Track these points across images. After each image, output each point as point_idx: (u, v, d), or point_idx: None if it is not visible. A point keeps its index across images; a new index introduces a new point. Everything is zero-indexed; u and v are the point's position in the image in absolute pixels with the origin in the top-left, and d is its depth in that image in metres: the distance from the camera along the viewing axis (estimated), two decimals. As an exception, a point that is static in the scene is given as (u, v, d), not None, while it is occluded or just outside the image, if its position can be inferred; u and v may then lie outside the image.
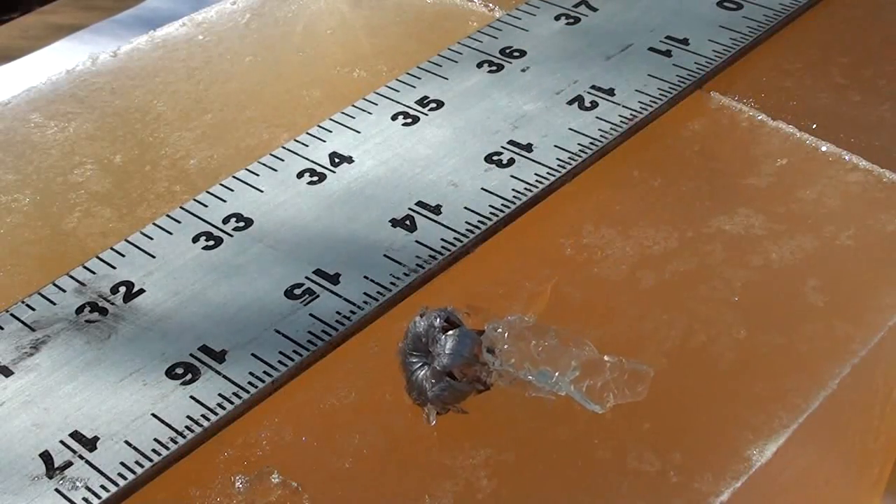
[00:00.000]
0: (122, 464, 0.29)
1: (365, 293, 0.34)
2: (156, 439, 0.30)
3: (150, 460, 0.29)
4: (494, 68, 0.44)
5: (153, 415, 0.31)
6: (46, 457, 0.30)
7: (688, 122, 0.42)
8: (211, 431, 0.30)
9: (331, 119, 0.42)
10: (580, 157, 0.39)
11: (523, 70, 0.44)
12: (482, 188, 0.38)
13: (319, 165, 0.40)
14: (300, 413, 0.31)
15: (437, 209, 0.37)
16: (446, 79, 0.44)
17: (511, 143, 0.40)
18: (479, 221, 0.37)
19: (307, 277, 0.35)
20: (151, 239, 0.37)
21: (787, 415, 0.31)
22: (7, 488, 0.29)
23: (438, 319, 0.29)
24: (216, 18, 0.50)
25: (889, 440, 0.40)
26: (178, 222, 0.38)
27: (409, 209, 0.37)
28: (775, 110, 0.42)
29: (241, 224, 0.37)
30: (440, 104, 0.43)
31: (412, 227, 0.37)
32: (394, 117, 0.42)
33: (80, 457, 0.30)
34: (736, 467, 0.30)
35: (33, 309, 0.34)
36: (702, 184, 0.39)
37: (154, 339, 0.33)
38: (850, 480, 0.40)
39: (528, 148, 0.40)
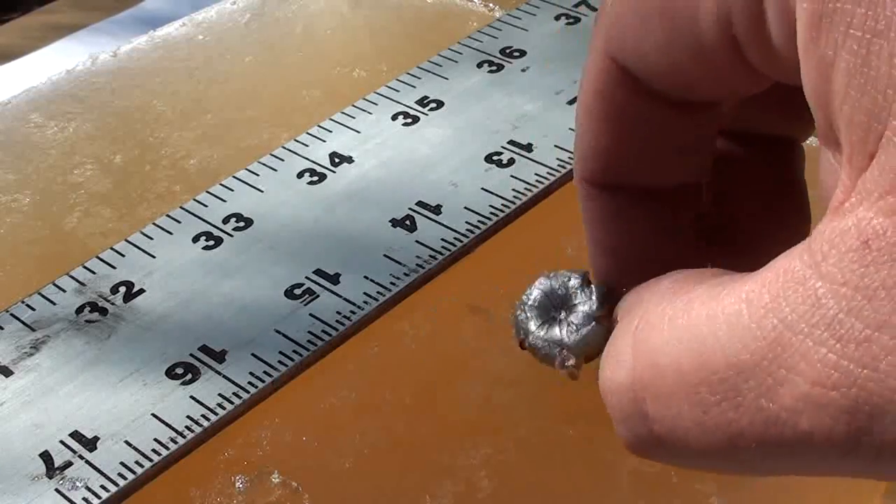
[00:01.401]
0: (122, 464, 0.29)
1: (365, 293, 0.34)
2: (156, 439, 0.30)
3: (150, 460, 0.29)
4: (494, 68, 0.44)
5: (153, 415, 0.31)
6: (46, 457, 0.30)
7: (688, 122, 0.42)
8: (211, 431, 0.30)
9: (331, 119, 0.42)
10: (580, 157, 0.39)
11: (523, 70, 0.44)
12: (482, 188, 0.38)
13: (319, 165, 0.40)
14: (300, 413, 0.31)
15: (437, 209, 0.37)
16: (446, 79, 0.44)
17: (511, 143, 0.40)
18: (479, 221, 0.37)
19: (307, 277, 0.35)
20: (151, 239, 0.37)
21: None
22: (7, 488, 0.29)
23: (572, 279, 0.30)
24: (216, 18, 0.50)
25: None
26: (178, 222, 0.38)
27: (409, 209, 0.37)
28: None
29: (241, 224, 0.37)
30: (440, 104, 0.43)
31: (412, 227, 0.37)
32: (394, 117, 0.42)
33: (80, 457, 0.30)
34: (736, 467, 0.30)
35: (33, 309, 0.34)
36: (702, 184, 0.39)
37: (154, 339, 0.33)
38: (849, 480, 0.40)
39: (528, 148, 0.40)
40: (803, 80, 0.16)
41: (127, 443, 0.30)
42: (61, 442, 0.30)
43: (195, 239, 0.37)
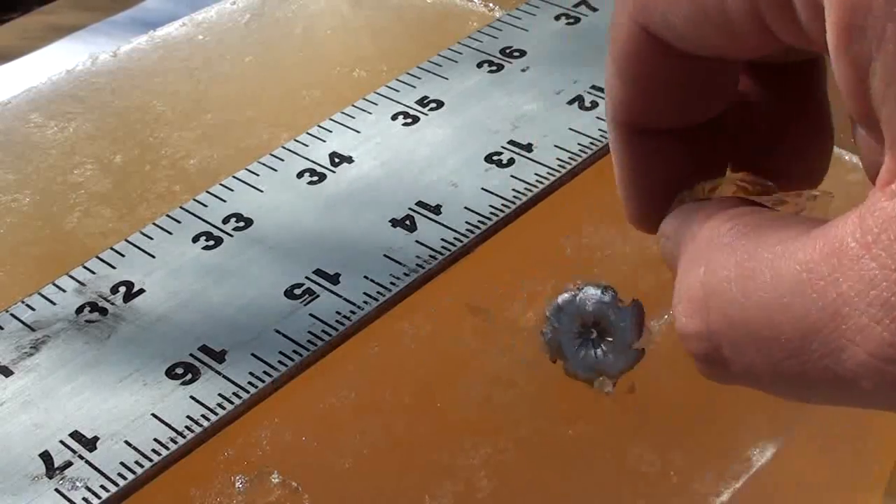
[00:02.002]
0: (122, 464, 0.29)
1: (365, 293, 0.34)
2: (156, 439, 0.30)
3: (150, 460, 0.29)
4: (494, 68, 0.44)
5: (153, 415, 0.31)
6: (46, 457, 0.30)
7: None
8: (211, 431, 0.30)
9: (331, 119, 0.42)
10: (580, 157, 0.39)
11: (523, 70, 0.44)
12: (482, 188, 0.38)
13: (319, 165, 0.40)
14: (300, 413, 0.31)
15: (437, 209, 0.37)
16: (446, 79, 0.44)
17: (511, 143, 0.40)
18: (479, 221, 0.37)
19: (307, 277, 0.35)
20: (151, 239, 0.37)
21: (787, 415, 0.31)
22: (7, 488, 0.29)
23: (601, 296, 0.30)
24: (216, 18, 0.50)
25: (888, 440, 0.40)
26: (178, 222, 0.38)
27: (409, 209, 0.37)
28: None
29: (241, 224, 0.37)
30: (440, 104, 0.43)
31: (412, 227, 0.37)
32: (394, 117, 0.42)
33: (80, 457, 0.30)
34: (736, 467, 0.30)
35: (33, 309, 0.34)
36: (702, 184, 0.39)
37: (154, 339, 0.33)
38: (849, 480, 0.40)
39: (528, 148, 0.40)
40: (836, 73, 0.17)
41: (127, 443, 0.30)
42: (61, 442, 0.30)
43: (195, 239, 0.37)
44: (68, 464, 0.29)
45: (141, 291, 0.35)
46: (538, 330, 0.31)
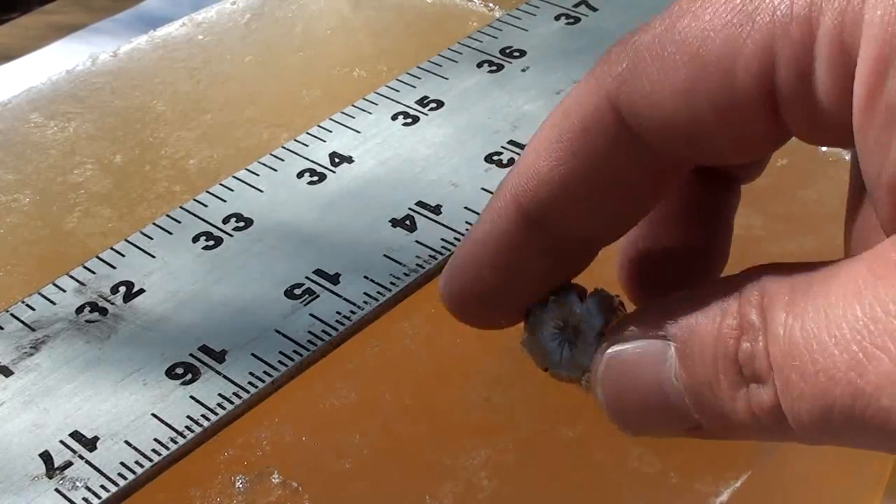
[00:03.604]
0: (122, 464, 0.29)
1: (365, 293, 0.34)
2: (156, 439, 0.30)
3: (150, 460, 0.29)
4: (494, 68, 0.44)
5: (153, 415, 0.31)
6: (46, 457, 0.30)
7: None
8: (211, 431, 0.30)
9: (331, 119, 0.42)
10: (580, 157, 0.39)
11: (523, 70, 0.44)
12: (482, 188, 0.38)
13: (319, 165, 0.40)
14: (300, 413, 0.31)
15: (437, 209, 0.37)
16: (446, 79, 0.44)
17: (511, 143, 0.40)
18: (479, 221, 0.37)
19: (307, 277, 0.35)
20: (151, 239, 0.37)
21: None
22: (7, 488, 0.29)
23: (573, 292, 0.29)
24: (216, 18, 0.50)
25: (889, 440, 0.40)
26: (178, 222, 0.38)
27: (409, 209, 0.37)
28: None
29: (241, 224, 0.37)
30: (440, 104, 0.43)
31: (412, 227, 0.37)
32: (394, 117, 0.42)
33: (80, 457, 0.30)
34: (736, 467, 0.30)
35: (33, 309, 0.34)
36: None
37: (154, 338, 0.33)
38: (849, 480, 0.40)
39: (528, 148, 0.40)
40: (864, 139, 0.17)
41: (127, 443, 0.30)
42: (61, 442, 0.30)
43: (195, 239, 0.37)
44: (68, 464, 0.29)
45: (141, 291, 0.35)
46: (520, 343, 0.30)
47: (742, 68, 0.18)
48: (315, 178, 0.39)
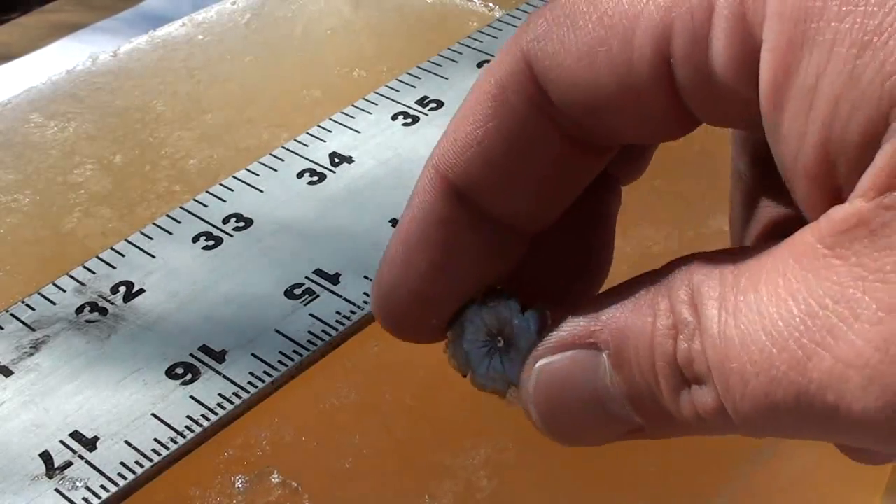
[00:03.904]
0: (122, 464, 0.29)
1: (365, 293, 0.34)
2: (156, 439, 0.30)
3: (150, 460, 0.29)
4: (494, 68, 0.44)
5: (153, 415, 0.31)
6: (46, 457, 0.30)
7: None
8: (211, 431, 0.30)
9: (331, 119, 0.42)
10: (580, 157, 0.39)
11: (523, 70, 0.44)
12: (482, 188, 0.38)
13: (319, 165, 0.40)
14: (300, 413, 0.31)
15: (437, 209, 0.37)
16: (446, 79, 0.44)
17: (511, 143, 0.40)
18: (479, 221, 0.37)
19: (307, 277, 0.35)
20: (151, 239, 0.37)
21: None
22: (7, 488, 0.29)
23: (504, 305, 0.28)
24: (216, 18, 0.50)
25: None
26: (178, 222, 0.38)
27: (409, 209, 0.37)
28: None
29: (241, 224, 0.37)
30: (440, 104, 0.43)
31: (412, 227, 0.37)
32: (394, 117, 0.42)
33: (80, 457, 0.30)
34: (736, 467, 0.30)
35: (33, 309, 0.34)
36: (702, 184, 0.39)
37: (154, 338, 0.33)
38: (849, 480, 0.40)
39: (528, 148, 0.40)
40: (772, 120, 0.16)
41: (127, 443, 0.30)
42: (61, 442, 0.30)
43: (195, 239, 0.37)
44: (68, 464, 0.29)
45: (141, 291, 0.35)
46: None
47: (640, 33, 0.17)
48: (315, 178, 0.39)
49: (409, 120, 0.42)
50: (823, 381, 0.15)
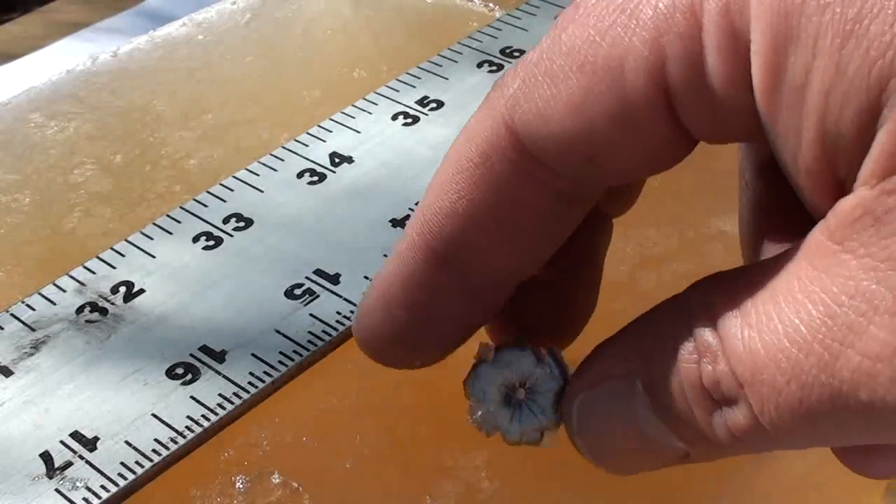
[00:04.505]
0: (122, 464, 0.29)
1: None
2: (156, 439, 0.30)
3: (150, 460, 0.29)
4: (494, 68, 0.44)
5: (153, 415, 0.31)
6: (46, 457, 0.30)
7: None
8: (211, 431, 0.30)
9: (331, 119, 0.42)
10: (580, 157, 0.39)
11: (523, 70, 0.44)
12: (482, 188, 0.38)
13: (319, 165, 0.40)
14: (300, 413, 0.31)
15: (437, 209, 0.37)
16: (446, 79, 0.44)
17: (511, 143, 0.40)
18: (479, 221, 0.37)
19: (307, 277, 0.35)
20: (151, 239, 0.37)
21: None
22: (7, 488, 0.29)
23: (520, 357, 0.28)
24: (216, 18, 0.50)
25: (889, 440, 0.40)
26: (178, 222, 0.38)
27: (410, 209, 0.37)
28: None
29: (241, 224, 0.37)
30: (440, 104, 0.43)
31: (412, 228, 0.37)
32: (394, 117, 0.42)
33: (81, 457, 0.30)
34: (736, 467, 0.30)
35: (33, 309, 0.34)
36: (702, 184, 0.39)
37: (154, 339, 0.33)
38: (849, 480, 0.40)
39: (529, 148, 0.40)
40: (770, 115, 0.16)
41: (127, 443, 0.30)
42: (61, 442, 0.30)
43: (195, 239, 0.37)
44: (68, 464, 0.29)
45: (141, 291, 0.35)
46: (463, 418, 0.29)
47: (631, 69, 0.17)
48: (315, 178, 0.39)
49: (409, 120, 0.42)
50: (854, 380, 0.15)
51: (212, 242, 0.37)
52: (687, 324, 0.18)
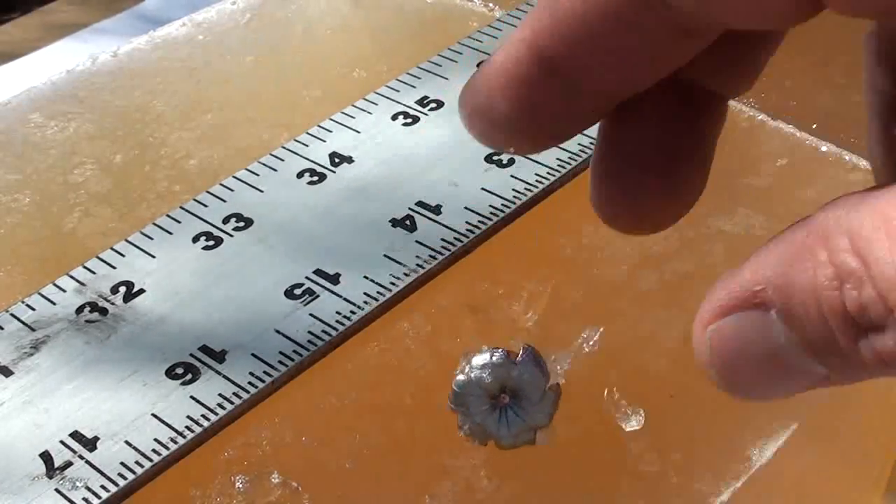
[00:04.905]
0: (122, 464, 0.29)
1: (365, 293, 0.34)
2: (156, 439, 0.30)
3: (150, 460, 0.29)
4: (494, 68, 0.44)
5: (153, 415, 0.31)
6: (46, 457, 0.30)
7: (688, 122, 0.42)
8: (211, 431, 0.30)
9: (331, 119, 0.42)
10: (580, 156, 0.39)
11: (523, 70, 0.44)
12: (482, 188, 0.38)
13: (319, 165, 0.40)
14: (300, 413, 0.31)
15: (437, 209, 0.37)
16: (446, 79, 0.44)
17: (511, 143, 0.40)
18: (479, 221, 0.37)
19: (307, 277, 0.35)
20: (151, 239, 0.37)
21: (787, 414, 0.31)
22: (7, 488, 0.29)
23: (498, 354, 0.28)
24: (216, 18, 0.50)
25: (888, 440, 0.40)
26: (178, 222, 0.38)
27: (409, 209, 0.37)
28: (775, 110, 0.42)
29: (241, 224, 0.37)
30: (440, 104, 0.43)
31: (412, 227, 0.37)
32: (394, 117, 0.42)
33: (80, 457, 0.30)
34: (736, 467, 0.30)
35: (33, 309, 0.34)
36: (702, 184, 0.39)
37: (154, 339, 0.33)
38: (849, 480, 0.40)
39: (528, 148, 0.40)
40: None
41: (127, 443, 0.30)
42: (61, 442, 0.30)
43: (195, 239, 0.37)
44: (68, 464, 0.29)
45: (141, 291, 0.35)
46: (456, 425, 0.29)
47: None
48: (315, 178, 0.39)
49: (409, 120, 0.42)
50: None
51: (212, 242, 0.37)
52: (824, 249, 0.17)
